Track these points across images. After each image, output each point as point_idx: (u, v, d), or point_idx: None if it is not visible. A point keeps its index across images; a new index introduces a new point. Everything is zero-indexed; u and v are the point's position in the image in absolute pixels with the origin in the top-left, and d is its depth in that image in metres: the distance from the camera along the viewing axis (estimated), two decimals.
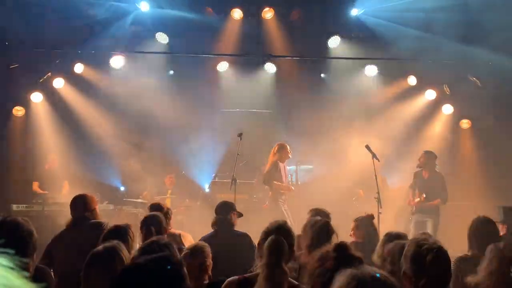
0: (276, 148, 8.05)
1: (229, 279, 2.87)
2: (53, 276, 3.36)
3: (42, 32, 8.42)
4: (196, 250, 3.38)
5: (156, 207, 4.73)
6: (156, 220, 4.20)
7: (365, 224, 4.72)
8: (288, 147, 8.15)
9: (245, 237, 4.63)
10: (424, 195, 7.61)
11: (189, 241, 4.55)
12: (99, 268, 2.56)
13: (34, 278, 2.69)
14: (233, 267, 3.53)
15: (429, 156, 7.91)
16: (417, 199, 7.74)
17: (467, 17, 8.14)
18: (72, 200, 4.46)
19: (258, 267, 2.74)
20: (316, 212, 4.77)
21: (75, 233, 4.11)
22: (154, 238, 2.88)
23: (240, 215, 4.95)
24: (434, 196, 7.70)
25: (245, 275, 2.88)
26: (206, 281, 3.30)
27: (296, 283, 2.74)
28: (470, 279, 2.89)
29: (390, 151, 9.03)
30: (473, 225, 4.01)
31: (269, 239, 2.69)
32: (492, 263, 2.76)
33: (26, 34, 8.30)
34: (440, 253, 2.42)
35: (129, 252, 2.83)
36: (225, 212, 4.83)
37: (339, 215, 6.46)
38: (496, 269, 2.72)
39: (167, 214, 4.59)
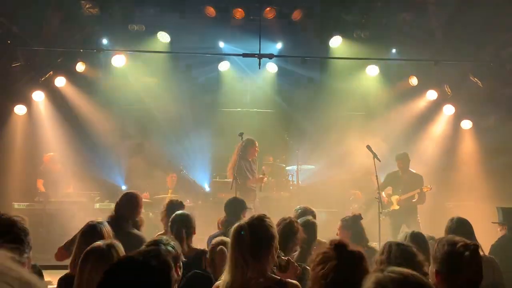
0: (244, 143, 8.04)
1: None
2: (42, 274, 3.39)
3: (44, 31, 8.44)
4: None
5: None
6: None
7: (352, 224, 4.68)
8: (256, 142, 8.13)
9: None
10: (429, 186, 7.72)
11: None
12: (94, 264, 2.58)
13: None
14: None
15: (403, 159, 8.09)
16: (409, 195, 7.81)
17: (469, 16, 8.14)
18: (122, 195, 4.47)
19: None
20: (301, 211, 4.75)
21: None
22: (161, 237, 2.88)
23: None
24: (412, 190, 7.83)
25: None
26: None
27: (278, 277, 2.66)
28: None
29: (391, 151, 9.02)
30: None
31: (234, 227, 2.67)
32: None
33: (28, 33, 8.31)
34: (475, 250, 2.43)
35: None
36: (233, 213, 4.78)
37: (339, 215, 6.48)
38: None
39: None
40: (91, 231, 3.36)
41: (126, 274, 1.71)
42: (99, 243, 2.75)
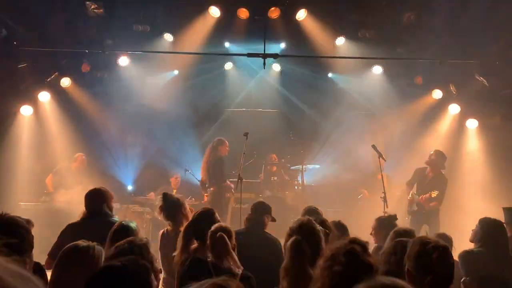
0: (215, 144, 8.07)
1: None
2: (45, 271, 3.38)
3: (49, 32, 8.48)
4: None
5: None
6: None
7: (387, 225, 4.51)
8: (227, 142, 8.16)
9: (276, 242, 4.54)
10: (437, 192, 7.43)
11: None
12: (74, 262, 2.57)
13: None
14: (259, 266, 3.53)
15: (440, 155, 7.82)
16: (426, 196, 7.59)
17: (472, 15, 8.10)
18: (88, 193, 4.56)
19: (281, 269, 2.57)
20: (308, 211, 4.74)
21: (89, 226, 4.17)
22: (130, 238, 2.85)
23: (273, 219, 4.93)
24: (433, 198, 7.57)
25: None
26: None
27: None
28: None
29: (396, 150, 9.01)
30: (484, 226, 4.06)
31: (290, 240, 2.55)
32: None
33: (33, 34, 8.35)
34: (445, 252, 2.42)
35: None
36: (259, 213, 4.85)
37: (344, 215, 6.48)
38: None
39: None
40: (123, 230, 3.39)
41: (107, 281, 1.73)
42: (79, 242, 2.72)
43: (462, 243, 4.63)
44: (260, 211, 4.87)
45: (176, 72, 10.05)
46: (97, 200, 4.51)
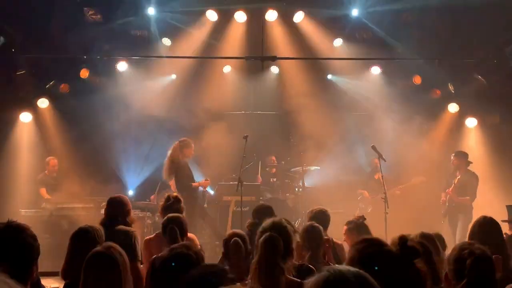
0: (179, 145, 7.95)
1: None
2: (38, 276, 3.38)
3: (48, 38, 8.50)
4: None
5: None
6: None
7: (359, 228, 4.60)
8: (192, 144, 8.05)
9: None
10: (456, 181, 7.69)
11: (195, 244, 4.55)
12: (99, 268, 2.59)
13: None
14: None
15: (461, 156, 8.01)
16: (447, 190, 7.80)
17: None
18: (108, 201, 4.52)
19: (252, 264, 2.72)
20: (314, 213, 4.77)
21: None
22: (186, 243, 2.88)
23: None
24: (465, 194, 7.75)
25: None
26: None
27: (298, 280, 2.72)
28: None
29: (396, 151, 9.02)
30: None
31: (264, 236, 2.69)
32: None
33: (31, 41, 8.37)
34: (481, 258, 2.43)
35: None
36: (262, 217, 4.82)
37: (345, 216, 6.47)
38: None
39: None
40: (84, 235, 3.38)
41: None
42: (98, 248, 2.74)
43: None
44: (262, 216, 4.85)
45: (173, 76, 10.07)
46: (113, 208, 4.47)
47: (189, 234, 4.61)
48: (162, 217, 4.65)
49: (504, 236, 4.89)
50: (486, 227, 3.69)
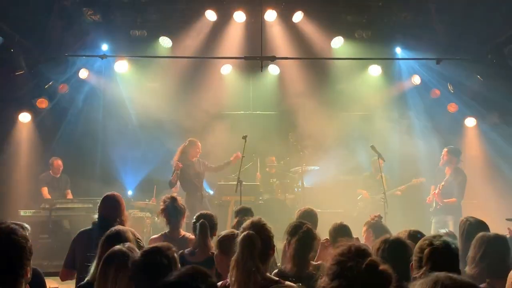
0: (184, 145, 8.07)
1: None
2: (43, 276, 3.37)
3: (47, 39, 8.49)
4: None
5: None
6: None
7: (374, 227, 4.56)
8: (198, 143, 8.13)
9: None
10: (443, 184, 7.52)
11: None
12: (118, 267, 2.62)
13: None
14: None
15: (451, 152, 7.83)
16: (433, 192, 7.69)
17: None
18: (102, 199, 4.36)
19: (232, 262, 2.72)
20: (303, 213, 4.76)
21: (99, 234, 4.11)
22: (159, 245, 2.85)
23: None
24: (450, 193, 7.57)
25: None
26: None
27: (276, 278, 2.75)
28: None
29: (395, 151, 9.03)
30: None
31: (242, 234, 2.72)
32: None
33: (30, 41, 8.36)
34: (440, 249, 2.54)
35: None
36: (244, 214, 4.85)
37: (344, 216, 6.47)
38: None
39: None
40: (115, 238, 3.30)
41: None
42: (119, 246, 2.76)
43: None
44: (246, 215, 4.85)
45: (172, 76, 10.07)
46: (109, 207, 4.31)
47: (187, 234, 4.60)
48: (164, 218, 4.64)
49: (508, 234, 4.90)
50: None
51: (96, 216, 4.40)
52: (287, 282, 2.77)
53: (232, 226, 4.80)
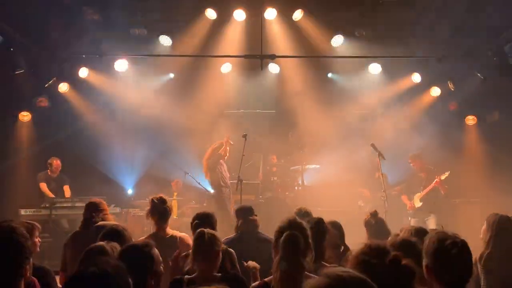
0: (213, 147, 8.31)
1: (252, 285, 2.89)
2: (53, 274, 3.39)
3: (47, 38, 8.48)
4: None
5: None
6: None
7: (368, 225, 4.57)
8: (224, 145, 8.36)
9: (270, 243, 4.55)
10: (447, 173, 7.85)
11: (189, 243, 4.48)
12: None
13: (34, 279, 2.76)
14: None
15: (415, 158, 8.31)
16: (429, 188, 7.94)
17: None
18: (86, 204, 4.75)
19: (274, 263, 2.76)
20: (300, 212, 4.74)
21: (84, 234, 4.28)
22: (136, 242, 2.87)
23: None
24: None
25: (265, 279, 2.91)
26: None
27: (312, 275, 2.75)
28: None
29: (395, 149, 9.01)
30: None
31: (285, 234, 2.73)
32: None
33: (30, 40, 8.35)
34: (464, 248, 2.42)
35: None
36: (249, 215, 4.81)
37: (344, 215, 6.47)
38: None
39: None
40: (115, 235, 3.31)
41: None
42: (101, 243, 2.77)
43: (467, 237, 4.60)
44: (248, 214, 4.82)
45: (171, 75, 10.07)
46: (88, 210, 4.67)
47: (181, 234, 4.58)
48: (152, 219, 4.61)
49: None
50: None
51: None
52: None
53: (237, 226, 4.77)
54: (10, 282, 2.17)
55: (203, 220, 4.07)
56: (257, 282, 2.91)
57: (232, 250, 3.93)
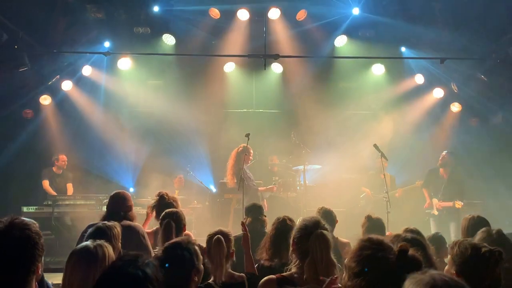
0: (237, 151, 8.15)
1: (267, 277, 2.88)
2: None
3: (50, 35, 8.50)
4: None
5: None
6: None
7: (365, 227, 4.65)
8: (250, 149, 8.15)
9: None
10: (462, 203, 7.77)
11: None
12: (80, 265, 2.57)
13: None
14: None
15: (452, 157, 8.15)
16: (446, 204, 7.90)
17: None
18: (111, 196, 4.50)
19: (296, 264, 2.79)
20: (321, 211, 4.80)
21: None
22: (179, 239, 2.88)
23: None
24: (451, 198, 7.86)
25: (282, 273, 2.89)
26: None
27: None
28: None
29: (399, 151, 9.00)
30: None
31: (315, 234, 2.73)
32: None
33: (34, 38, 8.37)
34: (501, 257, 2.41)
35: (113, 251, 2.83)
36: (259, 213, 4.93)
37: (347, 215, 6.46)
38: None
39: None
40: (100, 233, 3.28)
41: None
42: (88, 242, 2.72)
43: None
44: (258, 213, 4.92)
45: (175, 73, 10.07)
46: (116, 203, 4.43)
47: (186, 232, 4.59)
48: (154, 214, 4.64)
49: None
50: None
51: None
52: None
53: (247, 224, 4.79)
54: (23, 279, 2.15)
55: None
56: (274, 276, 2.88)
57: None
